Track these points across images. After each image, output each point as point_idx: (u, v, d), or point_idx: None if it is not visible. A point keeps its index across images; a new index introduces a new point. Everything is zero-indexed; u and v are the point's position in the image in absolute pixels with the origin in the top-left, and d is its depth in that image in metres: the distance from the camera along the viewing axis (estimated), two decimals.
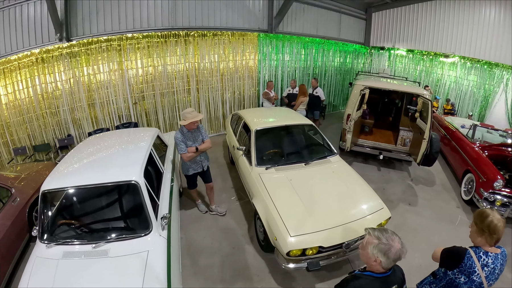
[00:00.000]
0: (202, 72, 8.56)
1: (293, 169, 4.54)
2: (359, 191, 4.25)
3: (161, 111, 8.33)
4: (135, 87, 7.70)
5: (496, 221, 2.02)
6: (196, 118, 4.15)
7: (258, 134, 5.09)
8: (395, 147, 7.17)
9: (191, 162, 4.47)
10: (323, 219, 3.59)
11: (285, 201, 3.82)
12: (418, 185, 6.93)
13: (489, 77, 9.82)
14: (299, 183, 4.19)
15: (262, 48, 9.28)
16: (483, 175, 6.02)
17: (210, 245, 4.52)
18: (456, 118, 9.22)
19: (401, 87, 7.10)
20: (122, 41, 7.23)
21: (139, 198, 2.96)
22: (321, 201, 3.90)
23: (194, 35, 8.11)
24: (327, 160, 4.94)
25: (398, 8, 11.51)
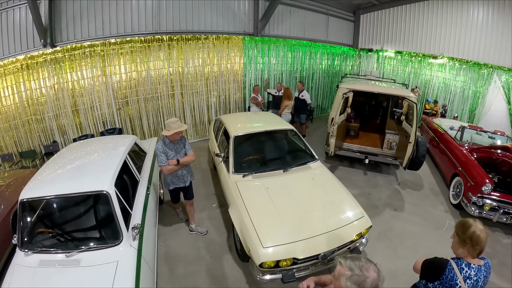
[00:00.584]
0: (186, 77, 8.25)
1: (271, 177, 4.31)
2: (338, 199, 4.00)
3: (145, 117, 8.03)
4: (119, 92, 7.45)
5: (478, 231, 1.89)
6: (180, 129, 3.86)
7: (237, 140, 4.87)
8: (381, 151, 6.83)
9: (172, 176, 4.12)
10: (298, 229, 3.38)
11: (260, 211, 3.61)
12: (405, 189, 6.58)
13: (478, 77, 9.48)
14: (276, 191, 3.96)
15: (247, 52, 8.96)
16: (471, 178, 5.68)
17: (189, 254, 4.30)
18: (445, 120, 8.89)
19: (386, 90, 6.77)
20: (105, 46, 7.00)
21: (110, 208, 2.91)
22: (297, 210, 3.67)
23: (178, 39, 7.83)
24: (307, 166, 4.68)
25: (386, 10, 11.22)
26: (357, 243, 3.73)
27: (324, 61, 11.24)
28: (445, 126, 8.15)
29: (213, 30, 8.49)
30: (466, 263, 1.95)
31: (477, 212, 5.37)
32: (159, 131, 8.25)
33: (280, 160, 4.92)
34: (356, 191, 6.32)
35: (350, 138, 7.41)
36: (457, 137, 7.10)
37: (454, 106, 10.23)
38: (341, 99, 5.95)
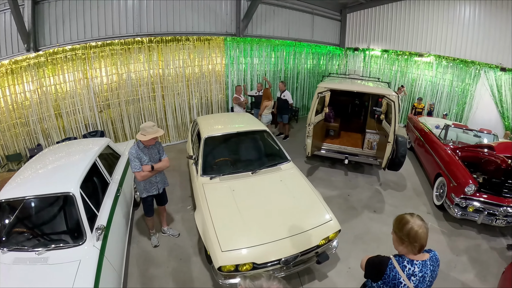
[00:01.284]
0: (167, 79, 7.95)
1: (239, 179, 4.10)
2: (306, 202, 3.76)
3: (126, 119, 7.75)
4: (100, 95, 7.22)
5: (416, 227, 1.74)
6: (157, 134, 3.61)
7: (207, 142, 4.66)
8: (362, 151, 6.43)
9: (145, 182, 3.84)
10: (259, 233, 3.20)
11: (222, 213, 3.45)
12: (387, 190, 6.18)
13: (466, 75, 9.04)
14: (241, 193, 3.78)
15: (229, 52, 8.58)
16: (454, 179, 5.28)
17: (160, 256, 4.16)
18: (431, 119, 8.46)
19: (364, 88, 6.38)
20: (86, 49, 6.78)
21: (75, 209, 2.98)
22: (261, 213, 3.49)
23: (158, 41, 7.55)
24: (277, 168, 4.43)
25: (373, 8, 10.82)
26: (324, 248, 3.49)
27: (309, 60, 10.83)
28: (430, 125, 7.74)
29: (195, 31, 8.23)
30: (409, 260, 1.80)
31: (460, 214, 4.97)
32: None
33: (251, 162, 4.68)
34: (335, 192, 5.93)
35: (331, 138, 7.01)
36: (441, 136, 6.68)
37: (441, 105, 9.79)
38: (316, 99, 5.54)
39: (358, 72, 8.34)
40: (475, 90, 8.94)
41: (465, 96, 9.23)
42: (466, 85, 9.17)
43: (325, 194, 5.87)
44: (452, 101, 9.51)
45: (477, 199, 4.97)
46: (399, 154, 5.42)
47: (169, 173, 6.64)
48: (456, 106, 9.41)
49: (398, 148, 5.43)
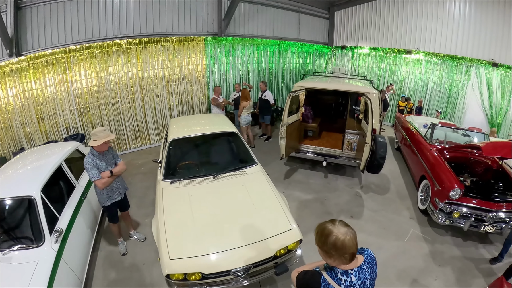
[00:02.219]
0: (146, 80, 7.54)
1: (199, 183, 3.78)
2: (267, 209, 3.38)
3: (106, 122, 7.37)
4: (80, 98, 6.93)
5: (341, 236, 1.42)
6: (108, 138, 3.43)
7: (173, 145, 4.38)
8: (342, 152, 5.84)
9: (107, 190, 3.65)
10: (211, 242, 2.93)
11: (176, 220, 3.19)
12: (367, 193, 5.62)
13: (456, 72, 8.39)
14: (199, 199, 3.49)
15: (210, 52, 8.06)
16: (439, 182, 4.71)
17: (124, 260, 3.96)
18: (419, 117, 7.83)
19: (341, 86, 5.83)
20: (66, 53, 6.52)
21: (36, 212, 3.01)
22: (216, 220, 3.19)
23: (137, 43, 7.18)
24: (241, 171, 4.03)
25: (361, 5, 10.23)
26: (285, 258, 3.14)
27: (295, 60, 10.24)
28: (417, 124, 7.13)
29: (175, 32, 7.79)
30: (342, 271, 1.51)
31: (445, 220, 4.40)
32: (121, 136, 7.66)
33: (215, 165, 4.34)
34: (311, 196, 5.40)
35: (310, 139, 6.44)
36: (426, 136, 6.07)
37: (430, 102, 9.15)
38: (288, 99, 4.99)
39: (342, 70, 7.74)
40: (466, 87, 8.26)
41: (456, 93, 8.57)
42: (457, 82, 8.52)
43: (301, 198, 5.35)
44: (443, 99, 8.85)
45: (463, 204, 4.40)
46: (378, 156, 4.85)
47: (145, 176, 6.27)
48: (445, 103, 8.75)
49: (377, 150, 4.86)
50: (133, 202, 5.06)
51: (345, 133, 5.73)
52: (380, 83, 10.18)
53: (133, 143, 7.78)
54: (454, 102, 8.63)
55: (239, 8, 8.55)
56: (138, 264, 3.86)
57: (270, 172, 6.22)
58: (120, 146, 7.63)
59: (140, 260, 3.92)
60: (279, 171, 6.30)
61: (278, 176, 6.11)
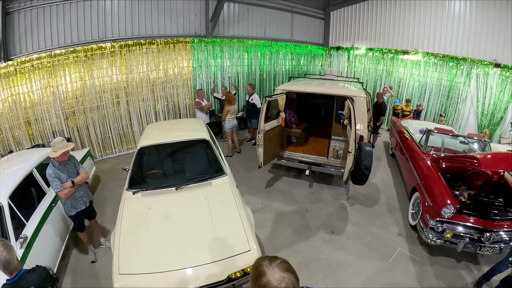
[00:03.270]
0: (131, 84, 7.16)
1: (161, 195, 3.46)
2: (227, 226, 3.00)
3: (92, 126, 7.08)
4: (66, 102, 6.69)
5: (274, 282, 1.07)
6: (67, 148, 3.30)
7: (141, 152, 4.11)
8: (327, 160, 5.26)
9: (71, 200, 3.53)
10: (162, 259, 2.67)
11: (130, 234, 2.95)
12: (354, 205, 5.04)
13: (457, 73, 7.66)
14: (157, 212, 3.20)
15: (197, 55, 7.58)
16: (430, 196, 4.11)
17: (92, 267, 3.79)
18: (415, 122, 7.15)
19: (324, 89, 5.25)
20: (51, 58, 6.31)
21: (2, 219, 2.98)
22: (171, 236, 2.91)
23: (121, 46, 6.83)
24: (207, 183, 3.63)
25: (357, 5, 9.59)
26: (243, 281, 2.76)
27: (287, 61, 9.63)
28: (412, 129, 6.48)
29: (161, 34, 7.41)
30: None
31: (435, 239, 3.80)
32: (106, 140, 7.33)
33: (180, 176, 3.99)
34: (292, 207, 4.87)
35: (294, 146, 5.87)
36: (421, 143, 5.43)
37: (429, 105, 8.42)
38: (264, 103, 4.45)
39: (334, 72, 7.14)
40: (468, 89, 7.53)
41: (457, 96, 7.84)
42: (458, 84, 7.78)
43: (280, 209, 4.82)
44: (442, 103, 8.12)
45: (457, 223, 3.79)
46: (362, 166, 4.27)
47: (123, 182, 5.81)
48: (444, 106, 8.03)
49: (361, 159, 4.27)
50: (110, 209, 4.84)
51: (331, 139, 5.15)
52: (377, 85, 9.51)
53: (119, 147, 7.41)
54: (455, 105, 7.90)
55: (229, 8, 8.08)
56: (106, 272, 3.64)
57: (252, 180, 5.73)
58: (106, 150, 7.30)
59: (108, 268, 3.59)
60: (262, 178, 5.78)
61: (260, 184, 5.59)
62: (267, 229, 4.38)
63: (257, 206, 4.93)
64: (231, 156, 6.68)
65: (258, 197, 5.18)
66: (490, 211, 3.80)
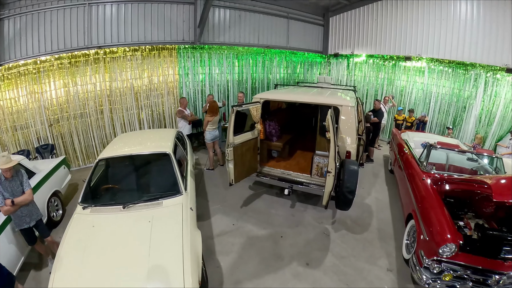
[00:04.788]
0: (115, 92, 6.75)
1: (108, 213, 3.14)
2: (164, 256, 2.55)
3: (75, 134, 6.72)
4: (50, 109, 6.43)
5: None
6: (7, 165, 2.98)
7: (100, 164, 3.85)
8: (310, 178, 4.48)
9: (14, 216, 3.26)
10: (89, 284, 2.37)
11: (69, 253, 2.68)
12: (339, 231, 4.23)
13: (465, 80, 6.73)
14: (99, 231, 2.88)
15: (184, 62, 7.05)
16: (427, 229, 3.31)
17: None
18: (417, 134, 6.26)
19: (306, 97, 4.54)
20: (37, 64, 6.10)
21: None
22: (104, 260, 2.57)
23: (105, 52, 6.47)
24: (158, 203, 3.19)
25: (357, 10, 8.83)
26: None
27: (282, 69, 8.92)
28: (413, 143, 5.62)
29: (147, 40, 6.96)
30: None
31: (430, 282, 3.00)
32: (89, 149, 6.93)
33: (132, 192, 3.61)
34: (266, 231, 4.15)
35: (276, 160, 5.12)
36: (421, 160, 4.58)
37: (434, 116, 7.48)
38: (232, 114, 3.79)
39: (328, 79, 6.39)
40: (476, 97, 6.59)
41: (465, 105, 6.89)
42: (467, 93, 6.84)
43: (252, 233, 4.10)
44: (448, 113, 7.17)
45: (459, 263, 2.96)
46: (344, 189, 3.50)
47: None
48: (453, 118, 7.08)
49: (343, 181, 3.50)
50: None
51: (314, 155, 4.38)
52: (378, 94, 8.64)
53: None
54: (462, 116, 6.94)
55: (219, 14, 7.56)
56: None
57: (229, 197, 5.03)
58: (89, 158, 6.90)
59: None
60: (239, 196, 5.07)
61: (236, 202, 4.88)
62: (232, 256, 3.67)
63: (227, 227, 4.23)
64: (212, 169, 6.03)
65: (231, 217, 4.47)
66: (501, 248, 2.95)
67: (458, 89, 6.93)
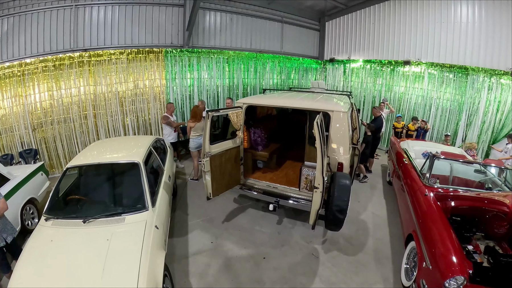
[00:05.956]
0: (99, 96, 6.35)
1: (68, 226, 2.81)
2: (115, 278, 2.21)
3: (59, 139, 6.35)
4: (34, 113, 6.10)
5: None
6: None
7: (69, 173, 3.45)
8: (298, 192, 3.95)
9: None
10: None
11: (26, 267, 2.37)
12: (330, 252, 3.70)
13: (467, 86, 6.24)
14: (56, 247, 2.56)
15: (171, 66, 6.63)
16: (431, 255, 2.80)
17: None
18: (417, 143, 5.73)
19: (293, 102, 4.05)
20: (21, 67, 5.80)
21: None
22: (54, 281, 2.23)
23: (90, 56, 6.11)
24: (120, 218, 2.82)
25: (354, 13, 8.43)
26: None
27: (275, 75, 8.46)
28: (413, 153, 5.08)
29: (135, 44, 6.58)
30: None
31: None
32: (73, 155, 6.48)
33: (96, 205, 3.22)
34: (247, 250, 3.64)
35: (262, 172, 4.60)
36: (422, 172, 4.05)
37: (435, 124, 6.96)
38: (208, 120, 3.30)
39: (322, 85, 5.91)
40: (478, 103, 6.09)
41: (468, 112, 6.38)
42: (471, 98, 6.34)
43: (231, 253, 3.59)
44: (450, 120, 6.65)
45: None
46: (334, 208, 2.97)
47: None
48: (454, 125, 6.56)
49: (333, 197, 2.99)
50: None
51: (303, 166, 3.86)
52: (376, 100, 8.15)
53: None
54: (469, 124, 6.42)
55: (210, 17, 7.18)
56: None
57: (211, 210, 4.50)
58: None
59: None
60: (222, 209, 4.55)
61: (218, 216, 4.37)
62: (205, 280, 3.15)
63: (205, 246, 3.71)
64: (197, 180, 5.52)
65: (210, 234, 3.95)
66: None
67: (460, 95, 6.42)
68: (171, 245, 3.68)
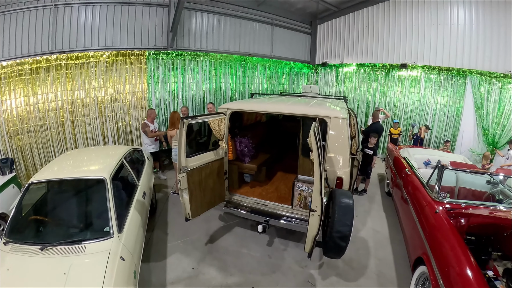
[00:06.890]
0: (76, 102, 5.79)
1: (26, 253, 2.34)
2: None
3: (35, 147, 5.79)
4: (10, 120, 5.55)
5: None
6: None
7: (30, 190, 2.86)
8: (291, 210, 3.44)
9: None
10: None
11: None
12: (327, 278, 3.21)
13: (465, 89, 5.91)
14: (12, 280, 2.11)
15: (154, 70, 6.10)
16: (448, 285, 2.18)
17: None
18: (418, 150, 5.32)
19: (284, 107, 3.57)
20: None
21: None
22: None
23: (67, 58, 5.60)
24: (80, 247, 2.36)
25: (346, 16, 8.07)
26: None
27: (265, 80, 7.99)
28: (415, 161, 4.65)
29: (116, 46, 6.07)
30: None
31: None
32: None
33: (56, 229, 2.76)
34: (233, 279, 3.13)
35: (250, 186, 4.07)
36: (430, 184, 3.59)
37: (433, 130, 6.59)
38: (183, 129, 2.78)
39: (315, 89, 5.48)
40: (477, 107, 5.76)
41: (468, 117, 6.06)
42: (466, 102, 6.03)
43: (214, 281, 3.09)
44: (448, 125, 6.30)
45: None
46: (334, 234, 2.48)
47: None
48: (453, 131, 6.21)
49: (334, 221, 2.49)
50: None
51: (296, 180, 3.36)
52: (370, 106, 7.77)
53: None
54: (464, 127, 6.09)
55: (196, 18, 6.72)
56: None
57: (193, 230, 3.93)
58: None
59: None
60: (205, 228, 4.00)
61: (201, 236, 3.82)
62: None
63: (185, 272, 3.16)
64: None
65: (191, 258, 3.40)
66: None
67: (458, 99, 6.09)
68: (147, 271, 3.14)
